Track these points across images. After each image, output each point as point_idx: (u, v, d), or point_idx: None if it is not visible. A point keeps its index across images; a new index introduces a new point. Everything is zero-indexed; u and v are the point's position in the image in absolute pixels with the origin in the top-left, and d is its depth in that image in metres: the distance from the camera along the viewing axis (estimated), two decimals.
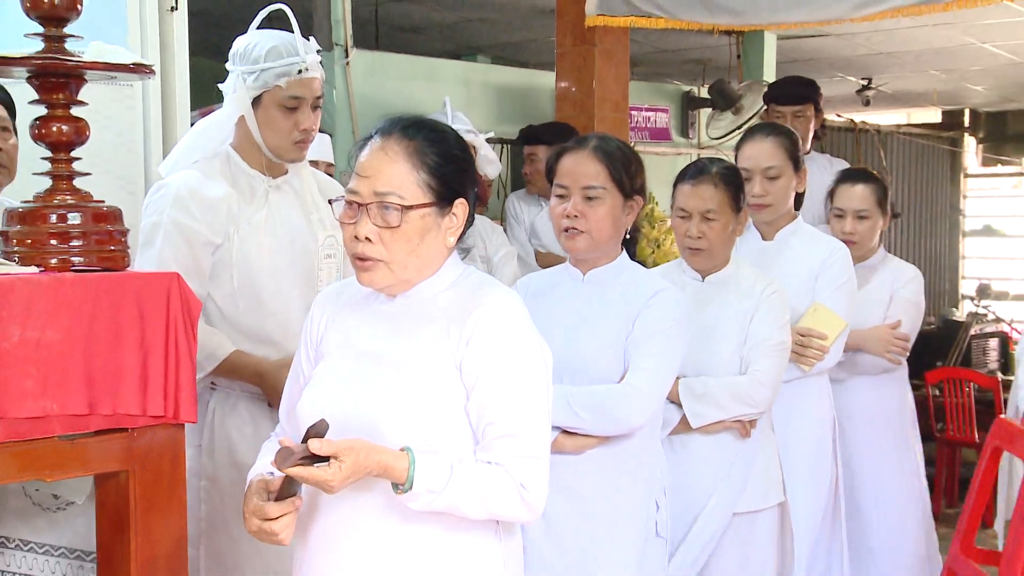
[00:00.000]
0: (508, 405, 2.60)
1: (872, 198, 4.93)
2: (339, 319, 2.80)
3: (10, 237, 2.79)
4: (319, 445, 2.38)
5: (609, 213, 3.48)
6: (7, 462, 2.64)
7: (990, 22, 10.26)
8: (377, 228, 2.58)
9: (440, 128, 2.72)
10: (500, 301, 2.68)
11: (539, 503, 2.62)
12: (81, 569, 3.02)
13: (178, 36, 4.90)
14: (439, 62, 9.33)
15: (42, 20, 2.77)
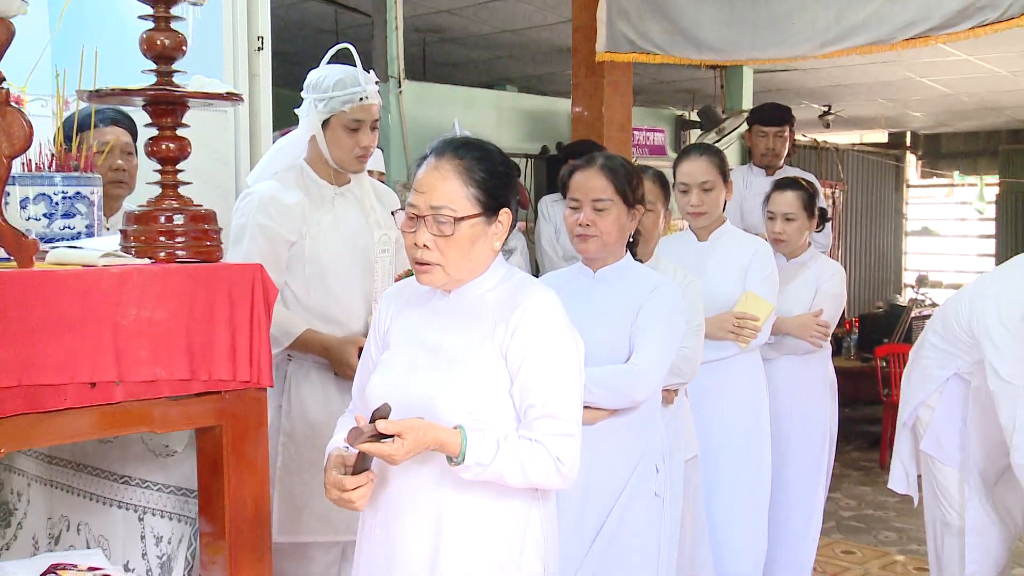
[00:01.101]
0: (547, 389, 2.57)
1: (799, 203, 4.89)
2: (403, 314, 2.78)
3: (129, 235, 2.81)
4: (385, 425, 2.38)
5: (615, 221, 3.46)
6: (127, 417, 2.66)
7: (927, 61, 10.25)
8: (433, 236, 2.56)
9: (486, 147, 2.69)
10: (541, 299, 2.65)
11: (572, 474, 2.61)
12: (186, 503, 3.04)
13: (263, 70, 4.91)
14: (475, 91, 9.32)
15: (155, 59, 2.79)
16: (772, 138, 6.07)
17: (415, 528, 2.61)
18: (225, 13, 4.68)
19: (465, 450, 2.45)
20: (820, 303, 4.80)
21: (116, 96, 2.87)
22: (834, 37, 5.51)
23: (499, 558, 2.62)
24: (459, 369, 2.60)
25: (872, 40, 5.39)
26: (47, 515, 3.39)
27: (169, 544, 3.09)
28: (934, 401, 4.40)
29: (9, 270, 2.49)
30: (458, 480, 2.53)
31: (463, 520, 2.59)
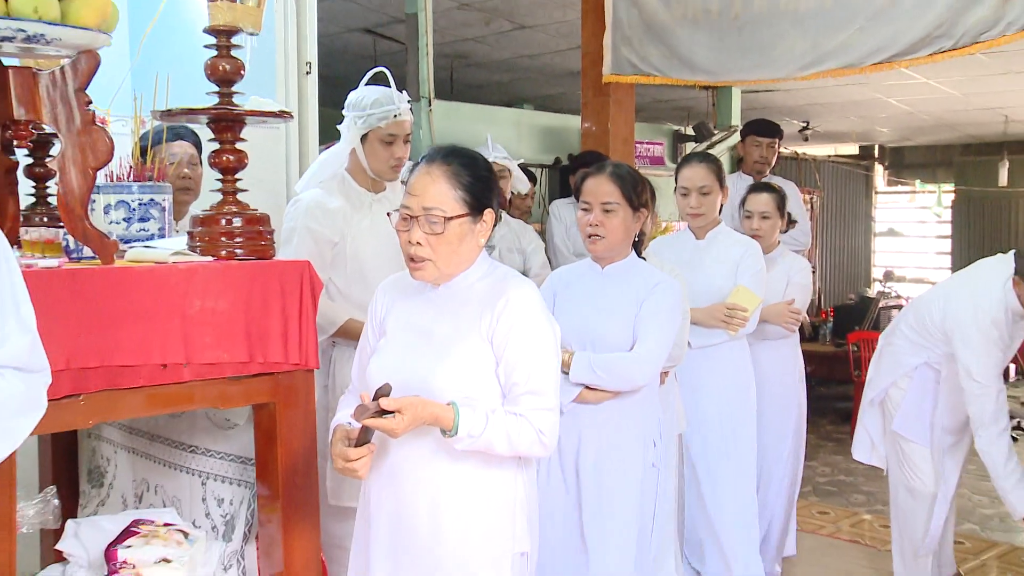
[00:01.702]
0: (529, 369, 2.55)
1: (773, 203, 4.88)
2: (398, 304, 2.75)
3: (194, 236, 2.81)
4: (387, 402, 2.38)
5: (622, 223, 3.44)
6: (195, 394, 2.68)
7: (892, 83, 10.23)
8: (425, 234, 2.55)
9: (471, 155, 2.67)
10: (522, 290, 2.62)
11: (552, 443, 2.59)
12: (244, 470, 3.05)
13: (310, 92, 4.92)
14: (497, 109, 9.31)
15: (217, 82, 2.79)
16: (764, 148, 6.09)
17: (415, 495, 2.59)
18: (278, 41, 4.69)
19: (458, 424, 2.44)
20: (792, 293, 4.78)
21: (184, 115, 2.88)
22: (811, 61, 5.49)
23: (492, 518, 2.60)
24: (450, 352, 2.57)
25: (844, 64, 5.38)
26: (131, 477, 3.42)
27: (231, 505, 3.11)
28: (904, 384, 4.43)
29: (94, 267, 2.52)
30: (452, 451, 2.51)
31: (458, 486, 2.57)
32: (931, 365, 4.36)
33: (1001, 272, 4.09)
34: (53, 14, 2.40)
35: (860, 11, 5.23)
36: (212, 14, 2.76)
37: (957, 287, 4.33)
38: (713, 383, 4.31)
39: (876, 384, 4.58)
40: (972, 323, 4.07)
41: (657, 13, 5.99)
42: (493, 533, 2.59)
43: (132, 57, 3.57)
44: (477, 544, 2.57)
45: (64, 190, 2.52)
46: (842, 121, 13.09)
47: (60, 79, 2.50)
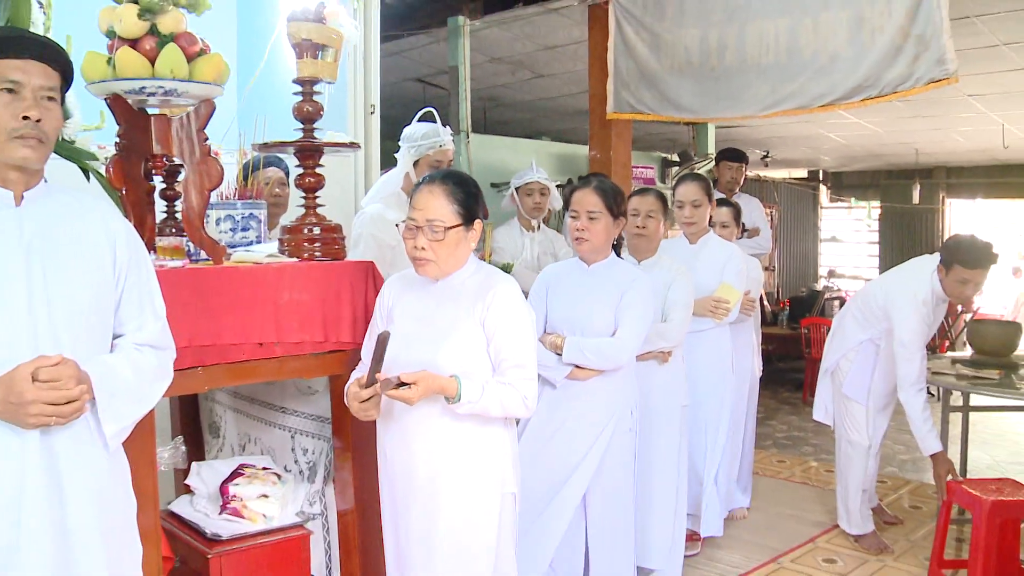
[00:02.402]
0: (514, 347, 2.55)
1: (730, 215, 4.88)
2: (403, 296, 2.68)
3: (284, 242, 2.84)
4: (406, 376, 2.40)
5: (604, 228, 3.36)
6: (286, 367, 2.71)
7: (832, 122, 10.25)
8: (428, 241, 2.52)
9: (464, 177, 2.64)
10: (506, 285, 2.60)
11: (533, 406, 2.59)
12: (324, 427, 3.07)
13: (373, 128, 4.92)
14: (521, 141, 9.31)
15: (302, 120, 2.83)
16: (735, 171, 6.09)
17: (423, 450, 2.56)
18: (349, 88, 4.70)
19: (460, 392, 2.44)
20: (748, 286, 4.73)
21: (277, 147, 2.92)
22: (770, 103, 5.48)
23: (486, 467, 2.58)
24: (450, 335, 2.54)
25: (796, 106, 5.38)
26: (237, 431, 3.44)
27: (313, 454, 3.13)
28: (852, 356, 4.46)
29: (208, 266, 2.55)
30: (453, 414, 2.50)
31: (458, 442, 2.55)
32: (873, 341, 4.40)
33: (930, 264, 4.19)
34: (183, 73, 2.45)
35: (809, 66, 5.25)
36: (299, 68, 2.79)
37: (895, 277, 4.40)
38: (702, 361, 4.26)
39: (829, 357, 4.61)
40: (906, 303, 4.14)
41: (649, 64, 5.99)
42: (487, 478, 2.58)
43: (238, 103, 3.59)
44: (474, 487, 2.56)
45: (186, 207, 2.55)
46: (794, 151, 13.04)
47: (186, 122, 2.54)
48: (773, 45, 5.45)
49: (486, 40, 7.76)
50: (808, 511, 5.10)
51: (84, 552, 1.95)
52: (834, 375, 4.58)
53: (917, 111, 9.48)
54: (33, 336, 1.89)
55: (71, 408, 1.87)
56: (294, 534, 2.91)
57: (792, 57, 5.35)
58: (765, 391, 7.65)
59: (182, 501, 3.06)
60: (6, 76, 1.89)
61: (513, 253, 4.94)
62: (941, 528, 3.91)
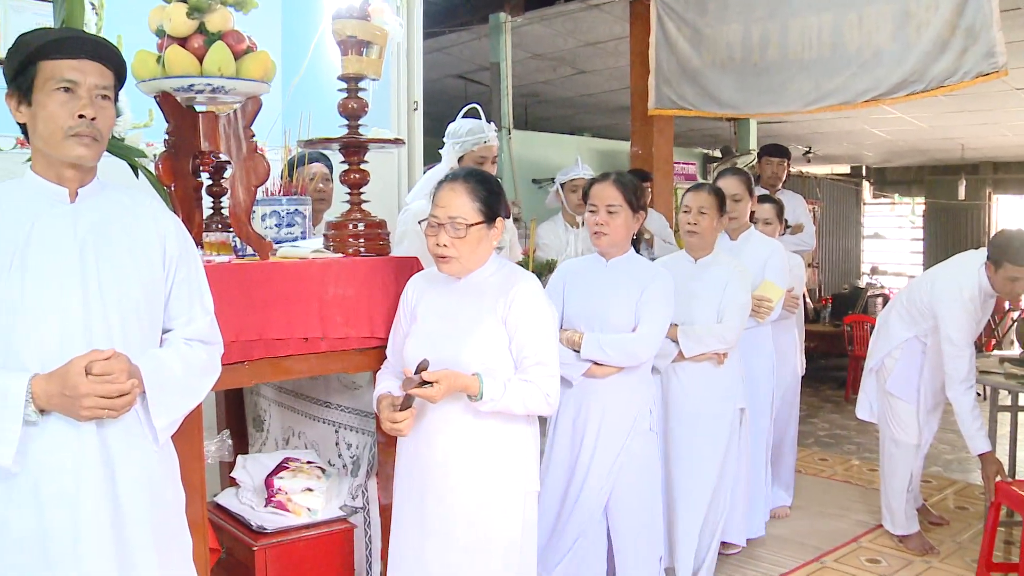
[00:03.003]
0: (535, 344, 2.53)
1: (773, 212, 4.83)
2: (427, 294, 2.66)
3: (328, 237, 2.85)
4: (428, 375, 2.39)
5: (624, 223, 3.28)
6: (332, 362, 2.72)
7: (876, 117, 10.14)
8: (450, 238, 2.52)
9: (485, 176, 2.64)
10: (527, 282, 2.59)
11: (555, 403, 2.58)
12: (367, 421, 3.07)
13: (416, 124, 4.93)
14: (562, 137, 9.29)
15: (347, 117, 2.83)
16: (775, 166, 6.01)
17: (446, 448, 2.54)
18: (392, 84, 4.72)
19: (483, 390, 2.43)
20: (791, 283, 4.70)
21: (322, 143, 2.92)
22: (813, 99, 5.44)
23: (507, 465, 2.56)
24: (473, 333, 2.53)
25: (839, 102, 5.33)
26: (281, 425, 3.47)
27: (357, 449, 3.14)
28: (897, 354, 4.39)
29: (254, 262, 2.57)
30: (477, 412, 2.48)
31: (481, 439, 2.54)
32: (919, 338, 4.33)
33: (977, 260, 4.11)
34: (231, 71, 2.47)
35: (853, 60, 5.20)
36: (344, 65, 2.80)
37: (942, 273, 4.30)
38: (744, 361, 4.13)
39: (874, 355, 4.54)
40: (953, 299, 4.07)
41: (691, 60, 5.96)
42: (509, 476, 2.56)
43: (283, 100, 3.62)
44: (496, 484, 2.54)
45: (233, 203, 2.57)
46: (837, 146, 12.92)
47: (233, 119, 2.56)
48: (816, 40, 5.40)
49: (527, 36, 7.75)
50: (851, 510, 5.04)
51: (136, 543, 1.98)
52: (879, 373, 4.51)
53: (963, 105, 9.34)
54: (87, 330, 1.92)
55: (123, 401, 1.89)
56: (338, 527, 2.94)
57: (836, 52, 5.30)
58: (807, 389, 7.58)
59: (228, 494, 3.10)
60: (63, 76, 1.92)
61: (557, 249, 4.93)
62: (989, 530, 3.85)
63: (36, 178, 1.99)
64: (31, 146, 2.00)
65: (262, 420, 3.58)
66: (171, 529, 2.10)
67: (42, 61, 1.92)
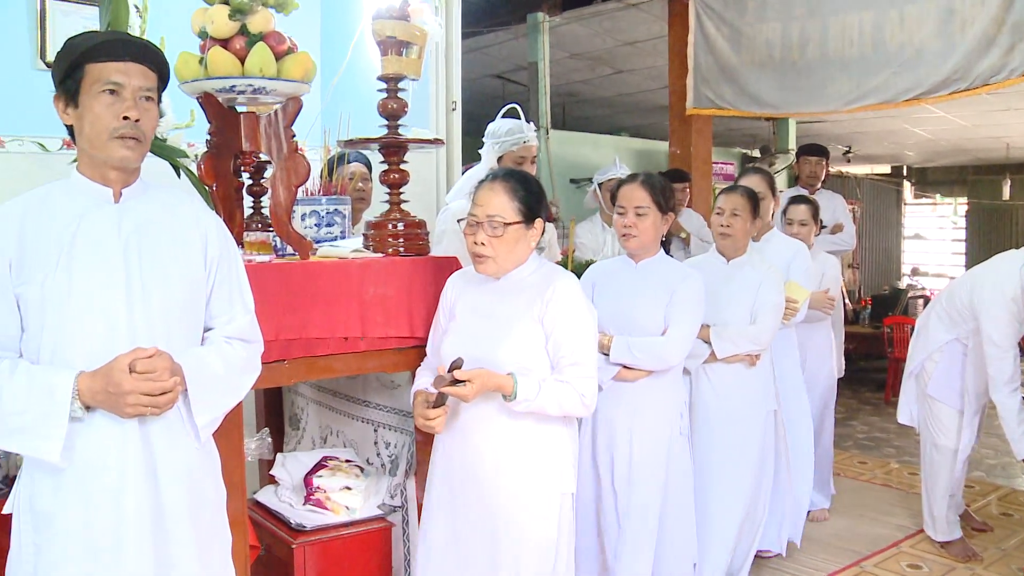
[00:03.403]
0: (572, 344, 2.50)
1: (808, 213, 4.72)
2: (465, 293, 2.65)
3: (368, 237, 2.86)
4: (460, 373, 2.38)
5: (652, 225, 3.21)
6: (371, 361, 2.74)
7: (917, 116, 10.00)
8: (488, 236, 2.51)
9: (525, 176, 2.63)
10: (566, 281, 2.56)
11: (592, 405, 2.55)
12: (406, 421, 3.07)
13: (455, 124, 4.94)
14: (600, 136, 9.26)
15: (387, 117, 2.84)
16: (814, 165, 5.95)
17: (480, 447, 2.52)
18: (431, 84, 4.72)
19: (517, 390, 2.41)
20: (826, 284, 4.63)
21: (362, 143, 2.93)
22: (854, 98, 5.38)
23: (543, 465, 2.54)
24: (509, 332, 2.51)
25: (880, 101, 5.27)
26: (319, 424, 3.49)
27: (396, 448, 3.15)
28: (937, 357, 4.32)
29: (294, 261, 2.58)
30: (511, 412, 2.47)
31: (516, 440, 2.52)
32: (960, 340, 4.26)
33: (1018, 259, 4.04)
34: (272, 71, 2.49)
35: (894, 59, 5.14)
36: (384, 65, 2.81)
37: (982, 273, 4.22)
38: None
39: (914, 359, 4.46)
40: (994, 300, 4.00)
41: (730, 59, 5.92)
42: (544, 477, 2.53)
43: (322, 100, 3.64)
44: (531, 486, 2.51)
45: (274, 203, 2.59)
46: (877, 146, 12.76)
47: (274, 119, 2.58)
48: (857, 38, 5.34)
49: (565, 36, 7.74)
50: (891, 515, 4.98)
51: (177, 537, 2.01)
52: (919, 377, 4.44)
53: (1009, 103, 9.18)
54: (130, 329, 1.95)
55: (166, 399, 1.92)
56: (376, 526, 2.95)
57: (877, 50, 5.24)
58: (846, 391, 7.51)
59: (267, 491, 3.12)
60: (108, 78, 1.94)
61: (594, 249, 4.92)
62: None
63: (81, 179, 2.02)
64: (77, 147, 2.03)
65: (299, 419, 3.60)
66: (211, 525, 2.12)
67: (88, 64, 1.95)
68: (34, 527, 1.94)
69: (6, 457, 2.51)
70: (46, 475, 1.93)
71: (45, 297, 1.91)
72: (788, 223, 4.72)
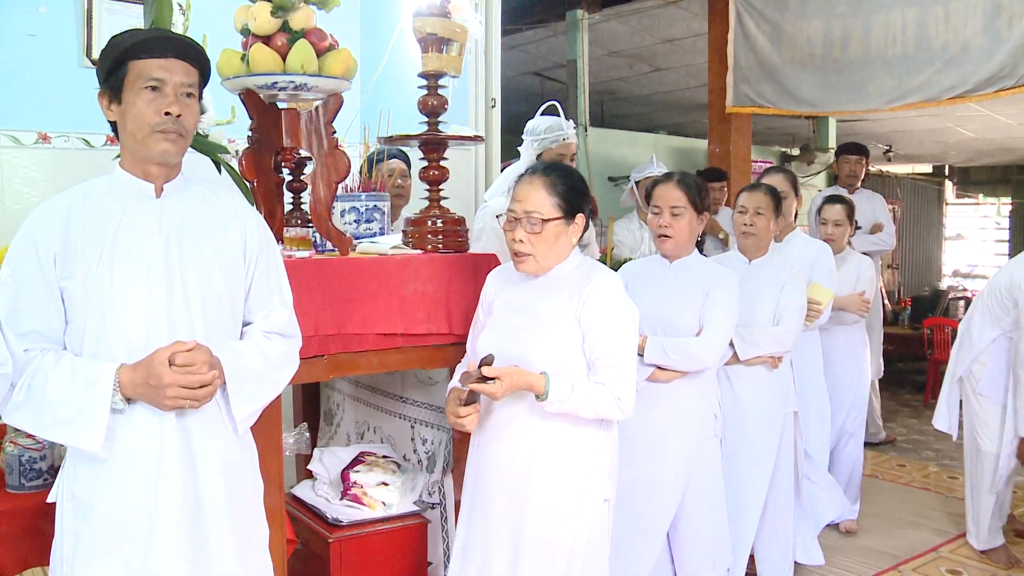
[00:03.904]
0: (609, 345, 2.42)
1: (843, 213, 4.65)
2: (504, 290, 2.59)
3: (407, 234, 2.86)
4: (487, 370, 2.30)
5: (688, 224, 3.17)
6: (409, 358, 2.74)
7: (961, 115, 9.82)
8: (527, 233, 2.44)
9: (568, 170, 2.56)
10: (606, 278, 2.48)
11: (629, 409, 2.45)
12: (443, 417, 3.06)
13: (494, 121, 4.92)
14: (638, 134, 9.20)
15: (427, 114, 2.83)
16: (853, 164, 5.89)
17: (513, 449, 2.46)
18: (470, 82, 4.71)
19: (548, 390, 2.33)
20: (862, 286, 4.58)
21: (402, 140, 2.94)
22: (896, 96, 5.30)
23: (579, 470, 2.46)
24: (544, 329, 2.44)
25: (923, 99, 5.18)
26: (355, 419, 3.50)
27: (433, 444, 3.15)
28: (984, 358, 4.22)
29: (334, 257, 2.59)
30: (543, 413, 2.39)
31: (549, 442, 2.44)
32: (1006, 335, 4.16)
33: None
34: (313, 68, 2.50)
35: (938, 56, 5.06)
36: (424, 62, 2.80)
37: (1018, 259, 4.16)
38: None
39: (960, 362, 4.35)
40: None
41: (770, 57, 5.86)
42: (580, 482, 2.46)
43: (362, 97, 3.65)
44: (565, 491, 2.44)
45: (314, 199, 2.59)
46: (919, 145, 12.59)
47: (315, 116, 2.58)
48: (900, 36, 5.26)
49: (604, 33, 7.70)
50: (930, 518, 4.90)
51: (213, 528, 2.02)
52: (965, 380, 4.34)
53: None
54: (170, 322, 1.97)
55: (205, 392, 1.93)
56: (413, 522, 2.95)
57: (920, 48, 5.16)
58: (884, 392, 7.40)
59: (304, 486, 3.13)
60: (150, 75, 1.96)
61: (632, 247, 4.89)
62: None
63: (124, 174, 2.03)
64: (120, 143, 2.05)
65: (333, 414, 3.61)
66: (248, 518, 2.13)
67: (131, 61, 1.96)
68: (75, 514, 1.98)
69: (51, 448, 2.54)
70: (87, 465, 1.96)
71: (88, 290, 1.93)
72: (822, 223, 4.66)
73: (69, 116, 3.77)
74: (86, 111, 2.21)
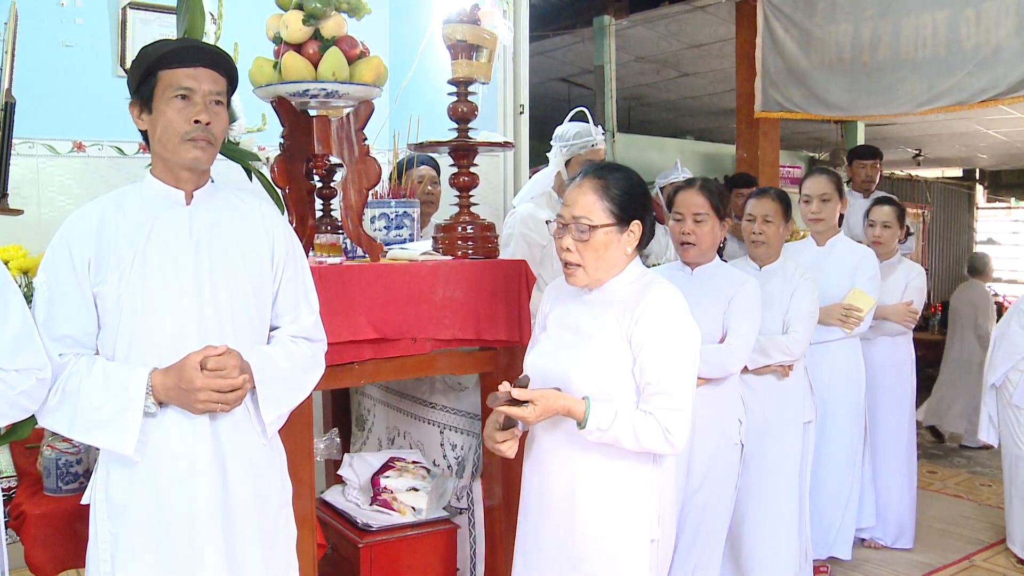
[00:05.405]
0: (662, 370, 2.18)
1: (893, 215, 4.47)
2: (559, 304, 2.40)
3: (437, 240, 2.86)
4: (518, 393, 2.12)
5: (710, 231, 3.08)
6: (438, 363, 2.74)
7: (991, 118, 9.74)
8: (574, 241, 2.24)
9: (625, 171, 2.32)
10: (663, 294, 2.24)
11: (680, 443, 2.20)
12: (473, 423, 3.07)
13: (523, 127, 4.90)
14: (666, 140, 9.17)
15: (456, 120, 2.84)
16: (868, 168, 5.75)
17: (555, 479, 2.29)
18: (499, 88, 4.71)
19: (588, 417, 2.14)
20: (910, 295, 4.45)
21: (432, 146, 2.93)
22: (926, 100, 5.24)
23: (623, 506, 2.25)
24: (589, 348, 2.25)
25: (954, 102, 5.11)
26: (385, 425, 3.49)
27: (462, 450, 3.14)
28: (1023, 366, 4.13)
29: (364, 263, 2.58)
30: (584, 441, 2.20)
31: (591, 473, 2.25)
32: None
33: None
34: (344, 75, 2.50)
35: (969, 59, 4.99)
36: (454, 69, 2.80)
37: None
38: (828, 376, 3.92)
39: (997, 370, 4.25)
40: None
41: (799, 61, 5.81)
42: (624, 520, 2.26)
43: (391, 104, 3.65)
44: (609, 529, 2.25)
45: (345, 205, 2.59)
46: (949, 149, 12.48)
47: (346, 122, 2.59)
48: (930, 39, 5.20)
49: (631, 39, 7.69)
50: (963, 526, 4.83)
51: (243, 528, 2.05)
52: (1002, 389, 4.24)
53: None
54: (201, 327, 1.98)
55: (235, 396, 1.95)
56: (442, 527, 2.94)
57: (951, 51, 5.10)
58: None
59: (334, 491, 3.13)
60: (180, 84, 1.98)
61: (657, 253, 4.86)
62: None
63: (155, 181, 2.06)
64: (151, 151, 2.07)
65: (364, 420, 3.61)
66: (276, 520, 2.15)
67: (161, 71, 1.99)
68: (109, 516, 2.00)
69: (87, 451, 2.56)
70: (121, 467, 1.99)
71: (120, 296, 1.95)
72: (870, 224, 4.51)
73: (103, 125, 3.81)
74: (120, 120, 2.23)
